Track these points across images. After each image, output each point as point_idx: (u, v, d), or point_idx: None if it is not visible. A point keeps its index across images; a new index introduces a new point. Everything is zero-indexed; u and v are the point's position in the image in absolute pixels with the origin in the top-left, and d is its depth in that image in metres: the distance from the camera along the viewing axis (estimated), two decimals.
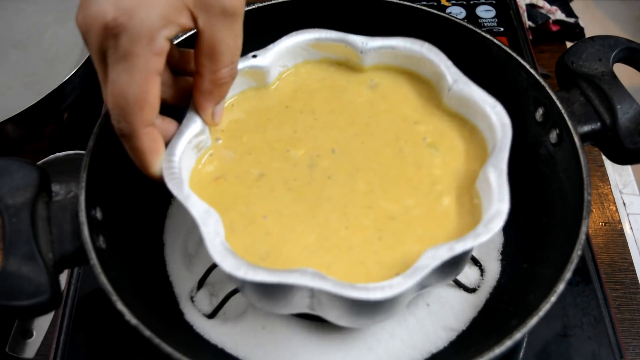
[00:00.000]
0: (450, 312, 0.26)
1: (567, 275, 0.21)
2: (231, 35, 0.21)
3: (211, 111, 0.23)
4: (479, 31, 0.28)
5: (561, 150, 0.25)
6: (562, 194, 0.25)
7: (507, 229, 0.28)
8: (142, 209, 0.28)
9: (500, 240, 0.29)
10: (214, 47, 0.20)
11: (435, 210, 0.22)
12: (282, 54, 0.26)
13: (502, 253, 0.28)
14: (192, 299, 0.27)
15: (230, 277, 0.20)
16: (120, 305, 0.21)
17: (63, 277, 0.30)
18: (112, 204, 0.25)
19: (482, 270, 0.28)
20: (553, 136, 0.26)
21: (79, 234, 0.22)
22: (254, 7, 0.29)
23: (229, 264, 0.19)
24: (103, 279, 0.21)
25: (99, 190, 0.24)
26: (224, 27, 0.20)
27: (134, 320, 0.20)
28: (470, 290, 0.27)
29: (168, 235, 0.29)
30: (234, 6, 0.20)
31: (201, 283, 0.27)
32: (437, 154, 0.24)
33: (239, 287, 0.23)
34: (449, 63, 0.25)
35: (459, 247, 0.20)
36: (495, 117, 0.23)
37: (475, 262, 0.28)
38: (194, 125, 0.23)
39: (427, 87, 0.26)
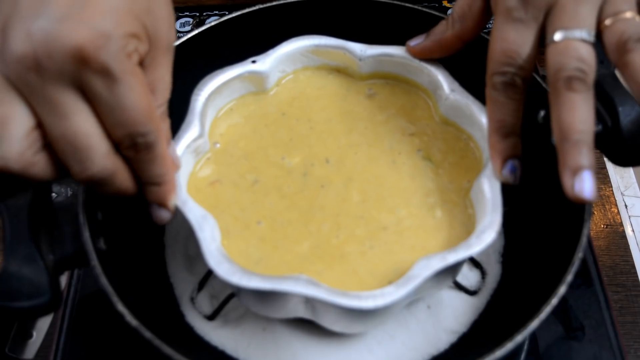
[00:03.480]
0: (452, 314, 0.26)
1: (569, 277, 0.21)
2: (169, 71, 0.20)
3: None
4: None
5: None
6: (563, 196, 0.25)
7: (508, 231, 0.29)
8: (142, 210, 0.28)
9: (501, 242, 0.29)
10: (153, 85, 0.20)
11: (427, 221, 0.23)
12: (282, 59, 0.26)
13: (503, 255, 0.29)
14: (192, 300, 0.27)
15: (225, 282, 0.20)
16: (120, 307, 0.21)
17: (63, 279, 0.30)
18: (112, 205, 0.25)
19: (483, 273, 0.28)
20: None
21: (79, 235, 0.22)
22: (254, 8, 0.30)
23: (224, 270, 0.20)
24: (103, 280, 0.21)
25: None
26: (166, 63, 0.20)
27: (134, 322, 0.21)
28: (471, 293, 0.27)
29: (169, 237, 0.30)
30: (174, 41, 0.20)
31: (202, 285, 0.27)
32: (431, 166, 0.24)
33: (235, 292, 0.24)
34: (446, 73, 0.25)
35: (451, 258, 0.20)
36: None
37: (477, 264, 0.28)
38: (193, 129, 0.23)
39: (424, 96, 0.26)
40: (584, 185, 0.19)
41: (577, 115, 0.19)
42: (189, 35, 0.28)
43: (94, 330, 0.29)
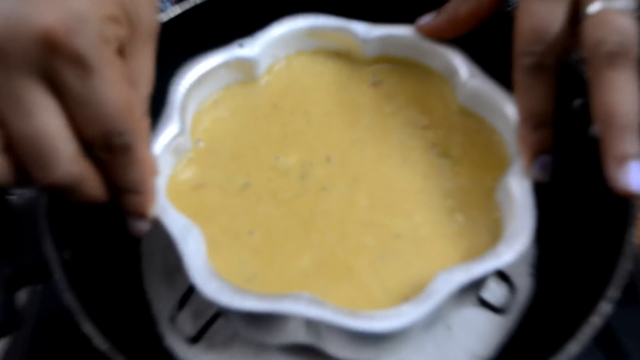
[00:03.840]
0: (475, 336, 0.26)
1: (613, 293, 0.21)
2: (152, 61, 0.20)
3: None
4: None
5: None
6: (604, 198, 0.25)
7: (541, 239, 0.28)
8: (115, 215, 0.28)
9: (533, 252, 0.29)
10: (133, 77, 0.19)
11: (447, 228, 0.22)
12: (273, 43, 0.26)
13: (536, 267, 0.28)
14: (172, 319, 0.27)
15: (214, 304, 0.20)
16: (88, 327, 0.21)
17: (21, 295, 0.29)
18: (80, 209, 0.24)
19: (512, 288, 0.27)
20: (594, 130, 0.25)
21: (40, 243, 0.22)
22: None
23: (212, 289, 0.19)
24: (69, 296, 0.21)
25: None
26: (148, 52, 0.19)
27: (104, 345, 0.20)
28: (499, 311, 0.27)
29: (146, 245, 0.29)
30: (157, 27, 0.20)
31: (183, 301, 0.27)
32: (448, 163, 0.24)
33: (223, 312, 0.23)
34: (464, 55, 0.25)
35: (477, 270, 0.20)
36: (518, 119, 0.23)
37: (504, 278, 0.28)
38: (172, 126, 0.23)
39: (439, 83, 0.26)
40: (632, 176, 0.18)
41: (621, 95, 0.19)
42: (167, 15, 0.28)
43: (57, 355, 0.28)
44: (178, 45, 0.27)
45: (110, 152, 0.18)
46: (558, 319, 0.24)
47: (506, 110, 0.23)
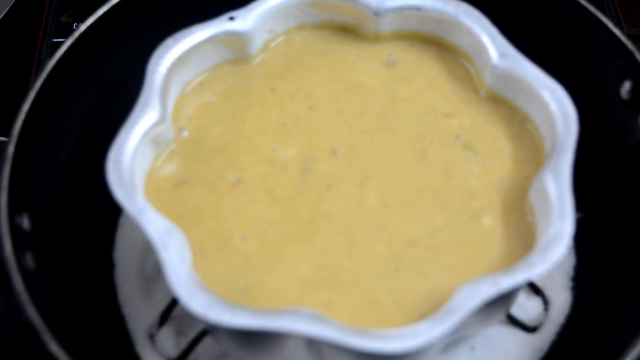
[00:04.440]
0: (503, 358, 0.26)
1: None
2: None
3: None
4: None
5: None
6: None
7: (580, 247, 0.28)
8: (84, 217, 0.28)
9: (570, 262, 0.29)
10: None
11: (471, 233, 0.23)
12: (270, 15, 0.26)
13: (574, 279, 0.28)
14: (152, 338, 0.27)
15: (200, 319, 0.20)
16: (54, 347, 0.21)
17: None
18: (44, 210, 0.25)
19: (546, 302, 0.28)
20: None
21: None
22: None
23: (199, 303, 0.20)
24: (31, 311, 0.21)
25: (26, 191, 0.24)
26: None
27: None
28: (530, 329, 0.27)
29: (119, 252, 0.30)
30: None
31: (164, 317, 0.27)
32: (474, 157, 0.24)
33: (210, 329, 0.23)
34: (494, 31, 0.25)
35: (505, 283, 0.20)
36: (556, 106, 0.23)
37: (537, 291, 0.28)
38: (151, 112, 0.23)
39: (464, 63, 0.26)
40: None
41: None
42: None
43: None
44: (158, 17, 0.27)
45: None
46: (598, 339, 0.24)
47: (541, 95, 0.23)
